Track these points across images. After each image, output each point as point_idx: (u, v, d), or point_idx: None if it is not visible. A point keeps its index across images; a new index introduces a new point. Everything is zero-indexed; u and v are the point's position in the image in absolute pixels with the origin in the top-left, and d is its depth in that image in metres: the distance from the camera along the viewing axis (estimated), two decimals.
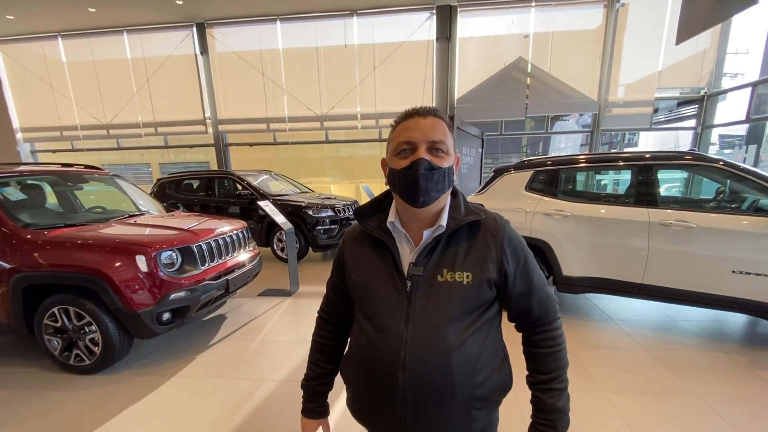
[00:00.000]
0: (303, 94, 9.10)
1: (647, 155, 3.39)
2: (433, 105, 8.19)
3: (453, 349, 0.85)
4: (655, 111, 7.91)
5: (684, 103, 8.00)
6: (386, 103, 8.82)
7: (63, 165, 3.84)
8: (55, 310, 2.72)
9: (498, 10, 8.03)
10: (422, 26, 8.29)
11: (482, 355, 0.90)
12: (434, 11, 8.08)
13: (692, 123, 7.89)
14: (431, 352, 0.85)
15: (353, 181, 10.29)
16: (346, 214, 5.96)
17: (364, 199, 7.97)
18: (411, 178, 0.85)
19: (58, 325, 2.73)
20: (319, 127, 9.25)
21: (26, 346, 3.25)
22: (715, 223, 2.99)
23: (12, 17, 8.52)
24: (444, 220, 0.91)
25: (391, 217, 0.94)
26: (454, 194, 0.97)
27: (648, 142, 9.10)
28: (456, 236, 0.92)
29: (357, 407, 1.01)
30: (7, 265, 2.69)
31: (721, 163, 3.14)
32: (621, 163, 3.68)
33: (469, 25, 8.19)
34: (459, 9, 8.02)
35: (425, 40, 8.34)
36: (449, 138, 0.89)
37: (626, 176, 3.72)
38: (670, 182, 6.97)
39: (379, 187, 9.43)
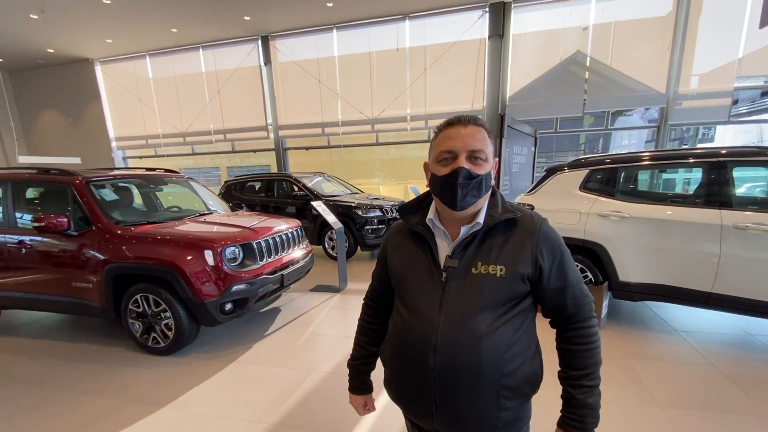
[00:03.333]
0: (356, 99, 9.39)
1: (722, 151, 3.09)
2: (484, 104, 8.09)
3: (483, 336, 0.90)
4: (735, 102, 6.99)
5: None
6: (436, 104, 8.80)
7: (147, 169, 4.36)
8: (138, 297, 3.12)
9: (554, 3, 7.64)
10: (474, 25, 8.16)
11: (513, 346, 0.93)
12: (487, 9, 7.91)
13: None
14: (461, 337, 0.91)
15: (402, 182, 10.40)
16: (394, 214, 6.07)
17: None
18: (451, 185, 0.92)
19: (140, 310, 3.14)
20: (370, 129, 9.49)
21: (113, 327, 3.75)
22: None
23: (110, 41, 9.79)
24: (481, 218, 0.97)
25: (431, 214, 1.02)
26: (492, 194, 1.02)
27: (726, 137, 8.05)
28: (492, 232, 0.97)
29: (392, 387, 1.07)
30: (101, 257, 3.14)
31: None
32: (689, 161, 3.37)
33: (523, 21, 7.91)
34: (513, 5, 7.77)
35: (477, 39, 8.19)
36: (488, 145, 0.95)
37: (696, 175, 3.41)
38: (753, 182, 6.15)
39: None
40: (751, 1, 6.41)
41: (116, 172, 4.06)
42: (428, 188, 1.04)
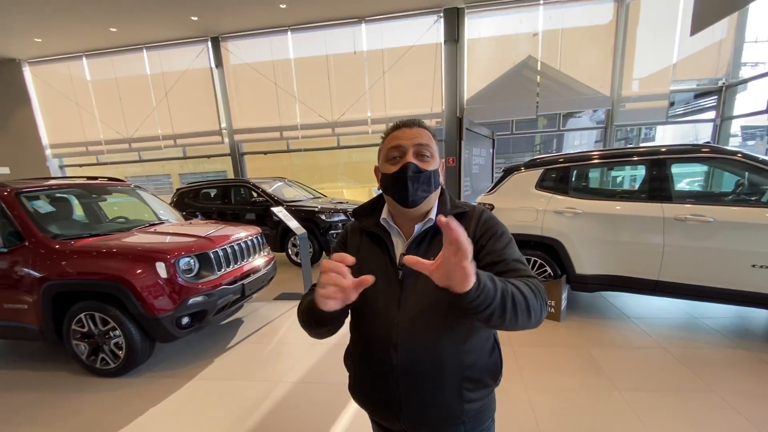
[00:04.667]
0: (314, 102, 9.25)
1: (662, 149, 3.33)
2: (443, 107, 8.26)
3: (441, 331, 0.92)
4: (672, 104, 7.69)
5: (701, 95, 7.75)
6: (396, 107, 8.88)
7: (88, 178, 4.02)
8: (82, 316, 2.86)
9: (506, 10, 7.98)
10: (430, 29, 8.33)
11: (471, 338, 0.95)
12: (441, 14, 8.10)
13: (711, 115, 7.64)
14: (420, 334, 0.93)
15: (366, 185, 10.38)
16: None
17: None
18: (401, 180, 0.95)
19: (85, 330, 2.87)
20: (330, 133, 9.38)
21: (55, 350, 3.41)
22: (734, 217, 2.92)
23: (39, 40, 8.98)
24: (433, 215, 1.00)
25: (384, 214, 1.05)
26: (441, 193, 1.06)
27: (666, 136, 8.83)
28: None
29: (357, 390, 1.08)
30: (37, 274, 2.84)
31: (739, 155, 3.06)
32: (634, 159, 3.61)
33: (477, 26, 8.18)
34: (466, 10, 8.02)
35: (433, 43, 8.36)
36: (433, 144, 1.00)
37: (641, 172, 3.66)
38: (690, 176, 6.76)
39: None
40: (682, 10, 7.06)
41: (52, 182, 3.72)
42: (380, 190, 1.06)
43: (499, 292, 0.75)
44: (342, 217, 5.83)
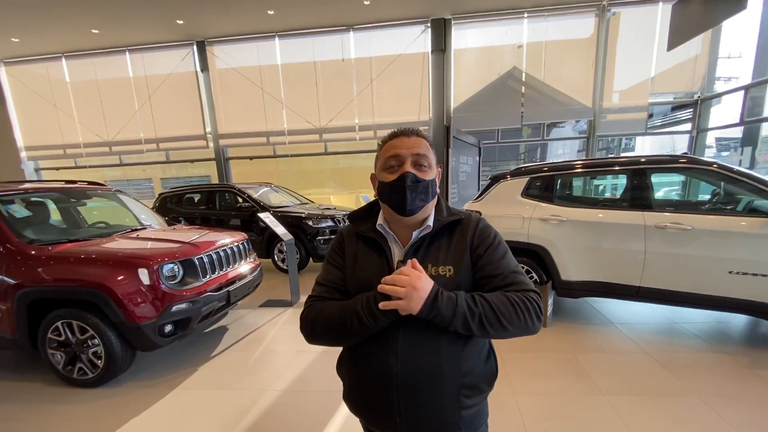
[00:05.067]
0: (302, 108, 9.22)
1: (642, 159, 3.43)
2: (430, 115, 8.35)
3: (440, 338, 0.92)
4: (650, 116, 8.01)
5: (678, 107, 8.10)
6: (384, 114, 8.93)
7: (66, 182, 3.90)
8: (58, 324, 2.75)
9: (491, 22, 8.17)
10: (417, 39, 8.44)
11: (468, 345, 0.96)
12: (429, 24, 8.23)
13: (687, 127, 7.97)
14: (420, 341, 0.93)
15: (353, 192, 10.36)
16: (346, 223, 5.99)
17: None
18: (399, 190, 0.96)
19: (62, 339, 2.76)
20: (318, 139, 9.36)
21: (30, 360, 3.27)
22: (711, 225, 3.02)
23: (17, 40, 8.72)
24: (430, 221, 1.01)
25: (380, 220, 1.05)
26: (438, 201, 1.06)
27: (644, 147, 9.18)
28: (439, 235, 1.02)
29: (353, 398, 1.05)
30: (12, 281, 2.73)
31: (715, 165, 3.17)
32: (615, 168, 3.72)
33: (463, 37, 8.34)
34: (453, 21, 8.16)
35: (421, 53, 8.48)
36: (431, 153, 1.01)
37: (622, 181, 3.76)
38: (669, 186, 7.02)
39: None
40: (659, 27, 7.38)
41: (28, 185, 3.60)
42: (374, 197, 1.06)
43: (459, 314, 0.86)
44: (329, 223, 5.80)
